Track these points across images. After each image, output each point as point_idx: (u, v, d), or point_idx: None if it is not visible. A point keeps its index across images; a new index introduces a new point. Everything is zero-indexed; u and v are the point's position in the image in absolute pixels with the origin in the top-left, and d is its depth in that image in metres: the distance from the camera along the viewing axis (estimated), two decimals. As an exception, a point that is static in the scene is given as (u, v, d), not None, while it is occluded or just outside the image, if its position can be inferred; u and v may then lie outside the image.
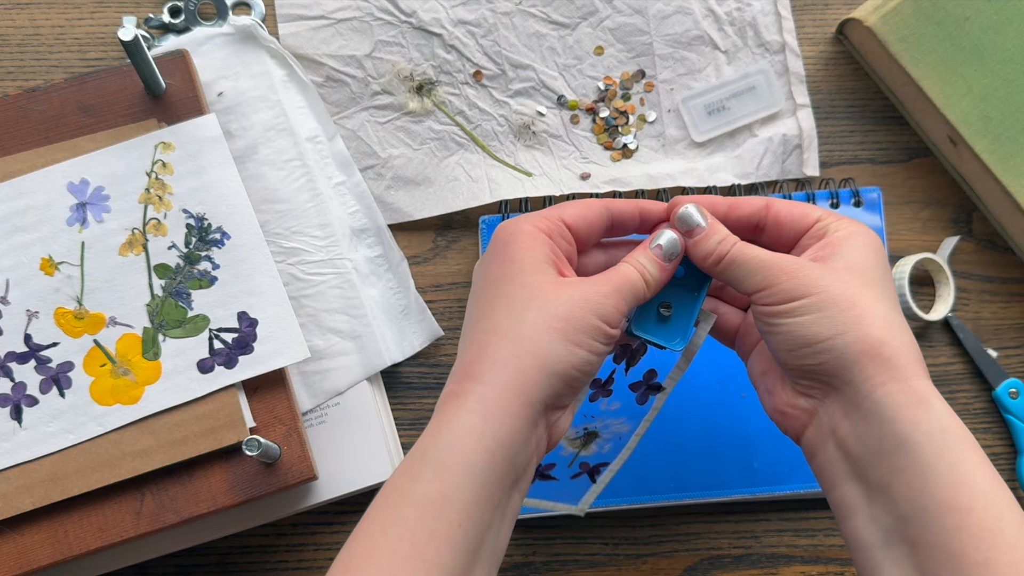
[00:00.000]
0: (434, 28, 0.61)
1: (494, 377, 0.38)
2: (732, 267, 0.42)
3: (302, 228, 0.57)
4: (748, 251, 0.42)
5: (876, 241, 0.42)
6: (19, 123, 0.56)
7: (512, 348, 0.39)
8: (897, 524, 0.37)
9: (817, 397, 0.41)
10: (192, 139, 0.55)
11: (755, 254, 0.42)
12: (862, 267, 0.41)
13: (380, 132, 0.61)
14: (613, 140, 0.61)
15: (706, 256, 0.43)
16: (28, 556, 0.50)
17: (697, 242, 0.43)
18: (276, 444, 0.51)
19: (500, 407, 0.38)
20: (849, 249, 0.41)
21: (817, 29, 0.63)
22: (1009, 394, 0.58)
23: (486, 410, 0.38)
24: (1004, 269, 0.61)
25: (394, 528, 0.36)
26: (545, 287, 0.40)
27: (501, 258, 0.42)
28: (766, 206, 0.45)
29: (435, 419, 0.39)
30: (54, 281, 0.53)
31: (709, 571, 0.57)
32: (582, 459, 0.52)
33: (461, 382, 0.39)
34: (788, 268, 0.41)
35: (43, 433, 0.52)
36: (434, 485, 0.36)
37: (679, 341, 0.45)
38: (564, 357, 0.39)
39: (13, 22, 0.62)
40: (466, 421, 0.38)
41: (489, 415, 0.38)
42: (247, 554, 0.57)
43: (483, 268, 0.43)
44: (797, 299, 0.40)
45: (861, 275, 0.40)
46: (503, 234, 0.43)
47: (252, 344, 0.53)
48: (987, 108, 0.57)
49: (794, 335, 0.40)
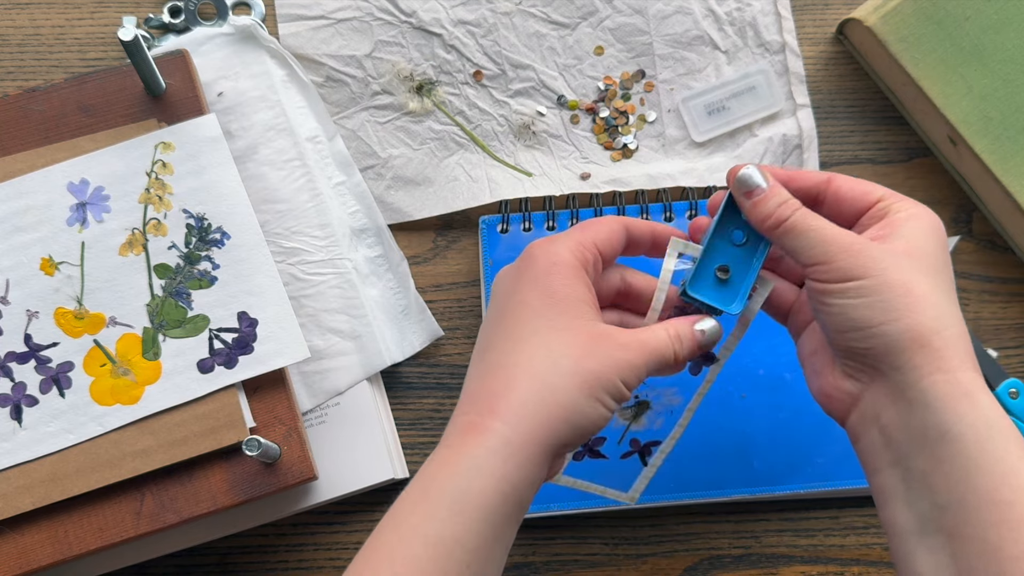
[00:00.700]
0: (434, 28, 0.61)
1: (521, 421, 0.38)
2: (791, 234, 0.41)
3: (302, 228, 0.57)
4: (810, 220, 0.41)
5: (938, 225, 0.42)
6: (19, 123, 0.56)
7: (543, 393, 0.39)
8: (935, 513, 0.37)
9: (864, 381, 0.41)
10: (192, 139, 0.55)
11: (817, 225, 0.40)
12: (922, 251, 0.40)
13: (380, 132, 0.61)
14: (613, 140, 0.61)
15: (765, 218, 0.41)
16: (28, 556, 0.50)
17: (756, 203, 0.42)
18: (276, 444, 0.51)
19: (524, 454, 0.38)
20: (910, 231, 0.41)
21: (817, 29, 0.63)
22: (1009, 394, 0.58)
23: (509, 454, 0.38)
24: (1004, 269, 0.61)
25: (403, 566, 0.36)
26: (585, 337, 0.40)
27: (541, 288, 0.41)
28: (828, 180, 0.44)
29: (452, 449, 0.38)
30: (54, 281, 0.53)
31: (709, 571, 0.57)
32: (633, 434, 0.51)
33: (484, 415, 0.38)
34: (848, 245, 0.40)
35: (43, 433, 0.52)
36: (448, 528, 0.36)
37: (736, 304, 0.44)
38: (588, 412, 0.39)
39: (13, 22, 0.62)
40: (487, 462, 0.37)
41: (511, 459, 0.38)
42: (247, 554, 0.57)
43: (516, 288, 0.42)
44: (853, 279, 0.39)
45: (920, 260, 0.40)
46: (543, 261, 0.42)
47: (252, 344, 0.53)
48: (987, 108, 0.57)
49: (846, 316, 0.39)
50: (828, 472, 0.56)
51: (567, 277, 0.41)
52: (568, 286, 0.41)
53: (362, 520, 0.57)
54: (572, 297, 0.41)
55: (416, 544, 0.36)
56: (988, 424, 0.37)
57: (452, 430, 0.39)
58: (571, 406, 0.39)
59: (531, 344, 0.40)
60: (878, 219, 0.42)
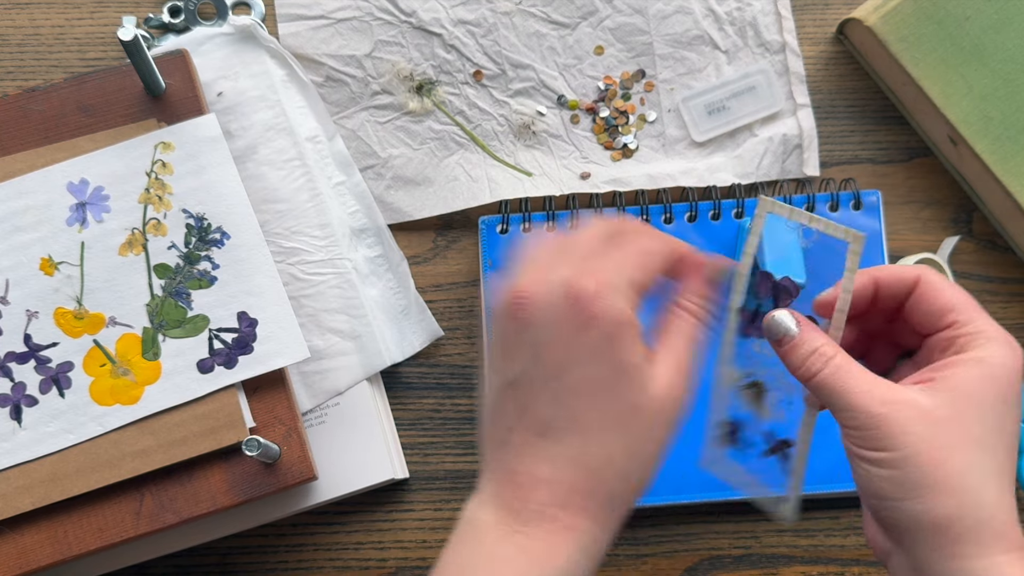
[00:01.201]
0: (434, 28, 0.61)
1: (609, 519, 0.38)
2: (822, 390, 0.38)
3: (302, 228, 0.57)
4: (839, 379, 0.38)
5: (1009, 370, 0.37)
6: (19, 123, 0.56)
7: (624, 488, 0.38)
8: None
9: (892, 542, 0.40)
10: (192, 139, 0.55)
11: (846, 386, 0.37)
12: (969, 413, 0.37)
13: (380, 132, 0.61)
14: (613, 140, 0.61)
15: (796, 368, 0.39)
16: (28, 556, 0.50)
17: (787, 352, 0.40)
18: (276, 444, 0.51)
19: (604, 549, 0.38)
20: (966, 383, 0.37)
21: (817, 29, 0.63)
22: (1009, 394, 0.58)
23: (597, 550, 0.38)
24: (1004, 269, 0.61)
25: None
26: (657, 411, 0.38)
27: (609, 362, 0.37)
28: (915, 281, 0.40)
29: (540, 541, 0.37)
30: (54, 281, 0.53)
31: (709, 571, 0.57)
32: (764, 426, 0.46)
33: (574, 515, 0.37)
34: (873, 415, 0.37)
35: (43, 433, 0.52)
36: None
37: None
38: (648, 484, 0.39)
39: (13, 22, 0.62)
40: (580, 564, 0.37)
41: (598, 553, 0.38)
42: (247, 554, 0.57)
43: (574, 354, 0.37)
44: (878, 450, 0.37)
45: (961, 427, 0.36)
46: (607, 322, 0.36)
47: (252, 344, 0.53)
48: (987, 108, 0.57)
49: (870, 483, 0.37)
50: (829, 473, 0.56)
51: (634, 343, 0.37)
52: (634, 354, 0.37)
53: (362, 520, 0.57)
54: (637, 367, 0.37)
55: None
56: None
57: (529, 517, 0.37)
58: (642, 489, 0.39)
59: (608, 435, 0.37)
60: (945, 350, 0.39)
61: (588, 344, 0.36)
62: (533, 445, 0.37)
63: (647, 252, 0.39)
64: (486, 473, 0.39)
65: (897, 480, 0.36)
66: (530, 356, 0.37)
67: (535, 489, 0.37)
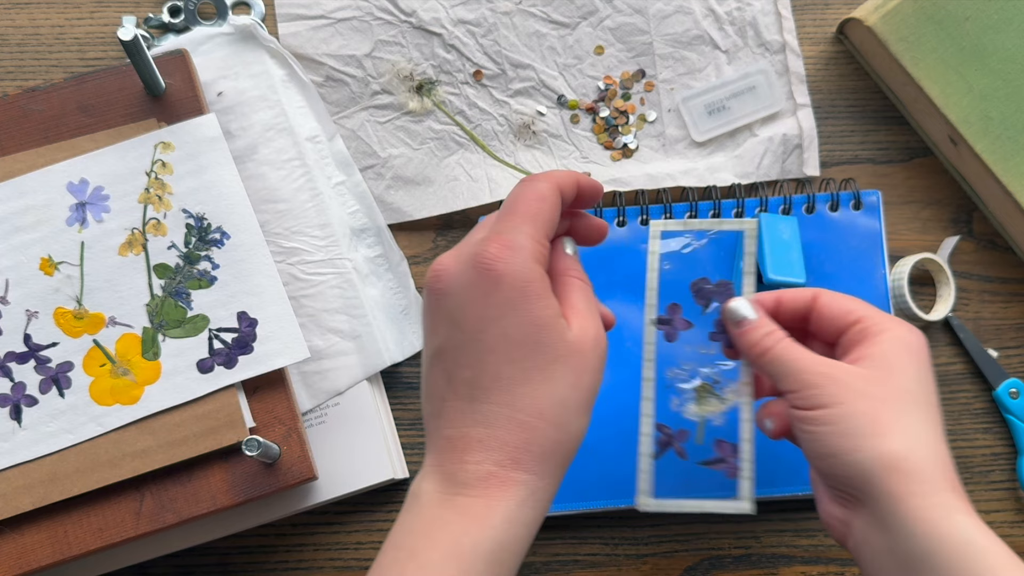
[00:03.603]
0: (434, 28, 0.61)
1: (545, 471, 0.39)
2: (773, 363, 0.43)
3: (302, 228, 0.57)
4: (790, 351, 0.43)
5: (916, 344, 0.43)
6: (19, 123, 0.56)
7: (559, 436, 0.39)
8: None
9: (850, 508, 0.42)
10: (192, 139, 0.55)
11: (795, 355, 0.43)
12: (895, 375, 0.41)
13: (380, 132, 0.61)
14: (613, 140, 0.61)
15: (751, 347, 0.44)
16: (28, 556, 0.50)
17: (743, 333, 0.45)
18: (276, 444, 0.51)
19: (547, 496, 0.39)
20: (886, 354, 0.42)
21: (817, 29, 0.63)
22: (1009, 394, 0.58)
23: (535, 501, 0.38)
24: (1004, 269, 0.61)
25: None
26: (576, 360, 0.39)
27: (522, 317, 0.38)
28: (813, 298, 0.46)
29: (477, 499, 0.38)
30: (54, 281, 0.53)
31: (709, 571, 0.57)
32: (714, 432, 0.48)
33: (507, 468, 0.38)
34: (820, 374, 0.42)
35: (43, 433, 0.52)
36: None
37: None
38: (586, 429, 0.40)
39: (13, 22, 0.62)
40: (519, 514, 0.38)
41: (537, 506, 0.39)
42: (247, 554, 0.57)
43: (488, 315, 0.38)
44: (823, 407, 0.41)
45: (892, 384, 0.41)
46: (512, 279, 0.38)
47: (252, 344, 0.53)
48: (987, 108, 0.57)
49: (820, 443, 0.41)
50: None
51: (543, 296, 0.39)
52: (547, 307, 0.39)
53: (362, 520, 0.57)
54: (551, 317, 0.39)
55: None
56: (967, 543, 0.38)
57: (466, 478, 0.38)
58: (579, 435, 0.40)
59: (533, 386, 0.38)
60: (859, 341, 0.43)
61: (499, 303, 0.38)
62: (462, 410, 0.39)
63: (540, 199, 0.40)
64: (428, 446, 0.40)
65: (845, 432, 0.40)
66: (449, 324, 0.39)
67: (469, 451, 0.38)
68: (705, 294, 0.48)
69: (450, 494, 0.38)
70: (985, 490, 0.59)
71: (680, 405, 0.49)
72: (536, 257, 0.39)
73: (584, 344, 0.39)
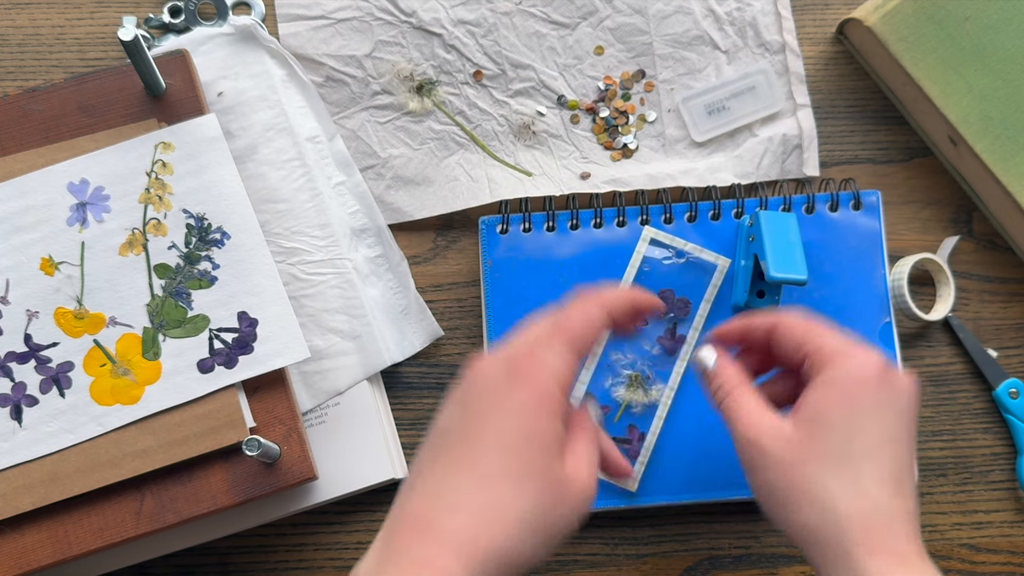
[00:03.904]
0: (434, 28, 0.61)
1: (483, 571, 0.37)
2: (725, 415, 0.45)
3: (302, 228, 0.57)
4: (734, 408, 0.44)
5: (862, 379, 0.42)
6: (19, 123, 0.56)
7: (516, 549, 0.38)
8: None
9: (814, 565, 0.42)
10: (192, 139, 0.55)
11: (736, 414, 0.44)
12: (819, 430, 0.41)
13: (380, 132, 0.61)
14: (613, 140, 0.61)
15: (711, 396, 0.46)
16: (28, 556, 0.50)
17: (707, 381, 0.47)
18: (276, 444, 0.51)
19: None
20: (816, 403, 0.42)
21: (817, 29, 0.63)
22: (1009, 394, 0.58)
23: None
24: (1004, 269, 0.61)
25: None
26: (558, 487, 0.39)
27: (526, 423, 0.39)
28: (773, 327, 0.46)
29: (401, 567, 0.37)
30: (54, 281, 0.53)
31: (709, 571, 0.57)
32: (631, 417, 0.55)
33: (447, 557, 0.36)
34: (745, 439, 0.43)
35: (43, 433, 0.52)
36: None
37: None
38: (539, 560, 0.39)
39: (13, 22, 0.62)
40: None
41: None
42: (247, 554, 0.57)
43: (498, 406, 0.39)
44: (749, 471, 0.43)
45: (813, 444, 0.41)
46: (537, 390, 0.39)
47: (252, 344, 0.53)
48: (987, 108, 0.57)
49: (757, 498, 0.43)
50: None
51: (552, 418, 0.39)
52: (552, 429, 0.39)
53: (362, 520, 0.57)
54: (551, 441, 0.39)
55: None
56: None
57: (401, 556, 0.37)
58: (527, 561, 0.38)
59: (504, 490, 0.38)
60: (808, 377, 0.44)
61: (510, 405, 0.39)
62: (431, 488, 0.38)
63: (586, 322, 0.42)
64: (388, 515, 0.40)
65: (766, 500, 0.42)
66: (460, 407, 0.40)
67: (417, 528, 0.37)
68: (666, 304, 0.56)
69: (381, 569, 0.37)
70: (985, 490, 0.59)
71: (612, 385, 0.56)
72: (559, 380, 0.40)
73: (571, 484, 0.39)
